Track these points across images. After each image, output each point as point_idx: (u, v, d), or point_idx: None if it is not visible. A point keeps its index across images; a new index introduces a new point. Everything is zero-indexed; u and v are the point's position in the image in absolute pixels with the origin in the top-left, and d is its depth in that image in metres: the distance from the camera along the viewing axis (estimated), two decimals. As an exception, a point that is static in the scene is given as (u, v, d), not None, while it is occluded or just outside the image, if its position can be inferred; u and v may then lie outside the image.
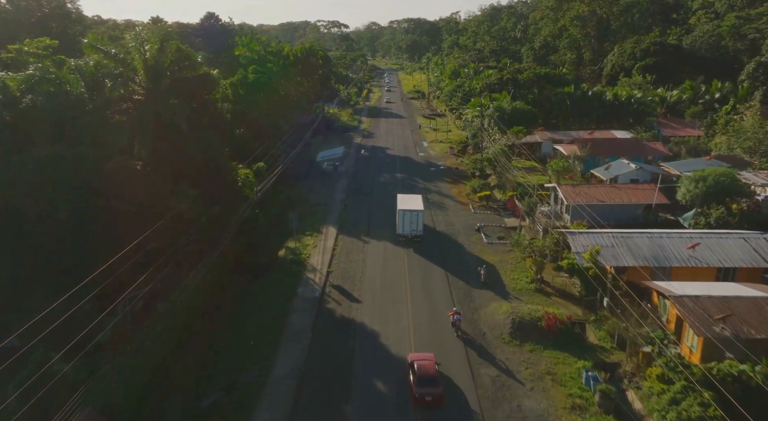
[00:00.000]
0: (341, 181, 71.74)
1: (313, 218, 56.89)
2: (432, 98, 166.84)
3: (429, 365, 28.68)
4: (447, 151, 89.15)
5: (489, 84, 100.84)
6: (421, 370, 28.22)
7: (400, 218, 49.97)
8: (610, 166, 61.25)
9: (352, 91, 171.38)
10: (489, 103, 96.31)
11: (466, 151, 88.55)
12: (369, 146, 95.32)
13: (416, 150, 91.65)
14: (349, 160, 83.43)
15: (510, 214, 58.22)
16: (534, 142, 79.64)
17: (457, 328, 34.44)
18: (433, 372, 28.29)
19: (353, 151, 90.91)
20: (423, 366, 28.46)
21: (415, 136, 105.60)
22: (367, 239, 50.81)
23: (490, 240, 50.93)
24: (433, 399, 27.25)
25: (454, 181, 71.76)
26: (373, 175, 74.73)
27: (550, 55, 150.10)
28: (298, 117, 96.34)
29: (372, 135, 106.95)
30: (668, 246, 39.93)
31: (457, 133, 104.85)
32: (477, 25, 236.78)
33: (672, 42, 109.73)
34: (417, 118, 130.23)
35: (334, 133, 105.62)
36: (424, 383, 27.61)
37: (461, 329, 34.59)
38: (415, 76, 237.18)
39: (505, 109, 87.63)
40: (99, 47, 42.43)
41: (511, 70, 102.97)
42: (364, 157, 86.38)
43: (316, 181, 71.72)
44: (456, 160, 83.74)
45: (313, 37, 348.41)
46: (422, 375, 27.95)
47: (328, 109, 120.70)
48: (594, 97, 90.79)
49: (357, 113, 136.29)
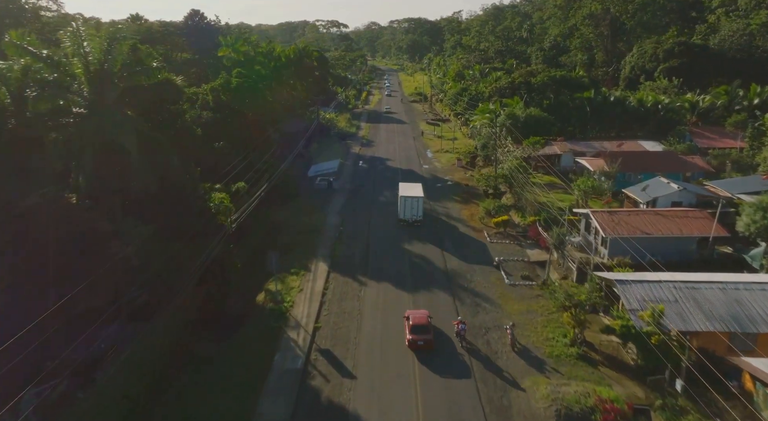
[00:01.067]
0: (336, 201, 63.08)
1: (302, 248, 48.24)
2: (435, 101, 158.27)
3: (422, 317, 33.63)
4: (454, 163, 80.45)
5: (499, 88, 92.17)
6: (414, 320, 33.24)
7: (402, 204, 54.25)
8: (648, 186, 52.59)
9: (350, 93, 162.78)
10: (500, 110, 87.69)
11: (475, 163, 79.92)
12: (368, 157, 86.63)
13: (420, 161, 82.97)
14: (345, 174, 74.74)
15: (533, 244, 49.54)
16: (552, 154, 71.00)
17: (462, 338, 33.39)
18: (425, 322, 33.27)
19: (351, 162, 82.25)
20: (416, 318, 33.50)
21: (418, 144, 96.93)
22: (364, 280, 42.15)
23: (513, 281, 42.23)
24: (424, 343, 32.18)
25: (465, 200, 63.08)
26: (372, 194, 66.05)
27: (561, 56, 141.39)
28: (290, 124, 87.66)
29: (371, 143, 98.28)
30: (749, 302, 31.21)
31: (463, 141, 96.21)
32: (481, 25, 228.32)
33: (697, 42, 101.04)
34: (419, 123, 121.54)
35: (330, 140, 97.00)
36: (417, 331, 32.56)
37: (466, 339, 33.30)
38: (416, 78, 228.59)
39: (518, 116, 79.02)
40: (26, 48, 33.74)
41: (523, 73, 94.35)
42: (363, 171, 77.67)
43: (307, 200, 63.05)
44: (465, 174, 75.02)
45: (312, 37, 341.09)
46: (415, 324, 32.95)
47: (325, 114, 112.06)
48: (616, 103, 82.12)
49: (356, 118, 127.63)
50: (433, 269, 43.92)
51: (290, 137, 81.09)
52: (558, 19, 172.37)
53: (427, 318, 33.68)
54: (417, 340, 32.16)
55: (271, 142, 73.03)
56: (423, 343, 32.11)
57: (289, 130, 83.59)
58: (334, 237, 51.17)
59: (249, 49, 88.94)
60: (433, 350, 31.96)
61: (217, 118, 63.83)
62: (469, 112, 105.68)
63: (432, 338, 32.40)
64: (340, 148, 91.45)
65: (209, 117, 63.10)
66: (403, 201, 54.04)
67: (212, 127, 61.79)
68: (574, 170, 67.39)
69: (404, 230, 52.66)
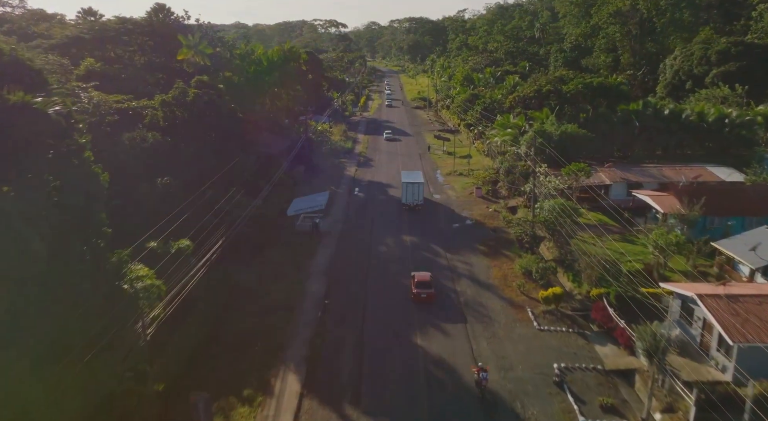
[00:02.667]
0: (322, 252, 47.81)
1: (264, 343, 32.97)
2: (440, 108, 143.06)
3: (425, 275, 39.70)
4: (471, 192, 65.06)
5: (523, 97, 76.85)
6: (418, 278, 39.19)
7: (404, 190, 58.21)
8: (760, 244, 37.32)
9: (347, 99, 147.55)
10: (524, 123, 72.54)
11: (497, 192, 64.67)
12: (365, 182, 71.27)
13: (430, 189, 67.64)
14: (337, 208, 59.38)
15: (603, 334, 34.20)
16: (599, 184, 55.81)
17: (482, 389, 28.29)
18: (427, 279, 39.34)
19: (344, 190, 66.93)
20: (420, 276, 39.48)
21: (425, 164, 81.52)
22: (354, 416, 26.86)
23: (592, 416, 26.94)
24: (426, 296, 38.15)
25: (492, 250, 47.69)
26: (370, 241, 50.65)
27: (583, 58, 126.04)
28: (272, 142, 72.36)
29: (370, 163, 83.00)
30: None
31: (479, 160, 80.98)
32: (488, 24, 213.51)
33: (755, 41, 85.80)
34: (425, 135, 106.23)
35: (320, 158, 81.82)
36: (420, 286, 38.53)
37: (486, 389, 28.23)
38: (418, 80, 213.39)
39: (550, 133, 63.79)
40: None
41: (551, 79, 79.11)
42: (359, 203, 62.21)
43: (284, 251, 47.86)
44: (486, 208, 59.62)
45: (310, 38, 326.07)
46: (419, 281, 38.88)
47: (316, 126, 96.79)
48: (671, 117, 66.82)
49: (352, 128, 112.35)
50: (464, 400, 28.51)
51: (270, 160, 65.82)
52: (574, 17, 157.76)
53: (429, 276, 39.64)
54: (420, 293, 38.11)
55: (243, 169, 57.80)
56: (425, 296, 38.06)
57: (270, 150, 68.32)
58: (314, 321, 35.82)
59: (221, 50, 73.88)
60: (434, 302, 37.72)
61: (167, 143, 48.69)
62: (484, 124, 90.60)
63: (434, 292, 38.44)
64: (333, 173, 76.20)
65: (156, 141, 47.91)
66: (405, 187, 58.43)
67: (157, 155, 46.66)
68: (630, 206, 52.23)
69: (417, 310, 37.40)
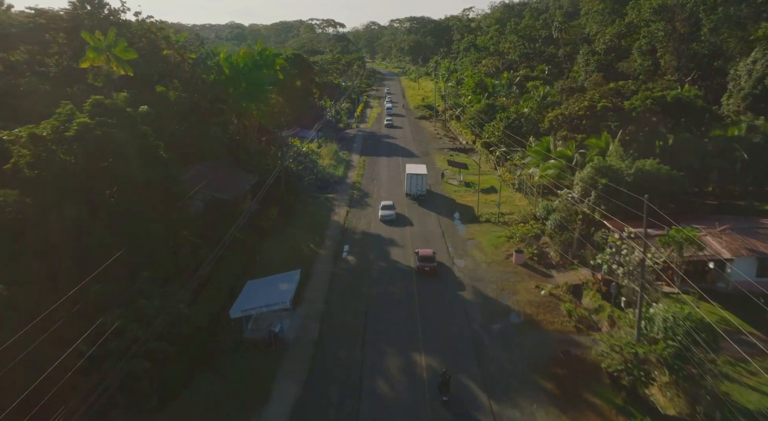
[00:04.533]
0: (279, 398, 28.47)
1: None
2: (448, 118, 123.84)
3: (428, 251, 43.48)
4: (509, 256, 45.54)
5: (569, 116, 57.49)
6: (421, 253, 42.98)
7: (408, 181, 62.54)
8: None
9: (342, 107, 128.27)
10: (575, 153, 53.39)
11: (544, 254, 45.33)
12: (358, 236, 51.75)
13: (447, 246, 48.21)
14: (312, 289, 39.88)
15: None
16: (712, 257, 36.50)
17: None
18: (430, 254, 42.87)
19: (327, 251, 47.65)
20: (424, 251, 43.34)
21: (438, 200, 62.14)
22: None
23: None
24: (429, 269, 41.54)
25: (566, 391, 28.11)
26: (361, 362, 31.23)
27: (619, 61, 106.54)
28: (231, 183, 52.98)
29: (365, 199, 63.64)
30: None
31: (508, 195, 61.67)
32: (499, 23, 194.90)
33: None
34: (434, 155, 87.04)
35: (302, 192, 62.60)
36: (423, 260, 42.14)
37: None
38: (421, 84, 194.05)
39: (619, 171, 44.73)
40: None
41: (606, 91, 59.72)
42: (346, 278, 42.58)
43: (217, 390, 28.61)
44: (536, 287, 40.03)
45: (307, 38, 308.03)
46: (422, 256, 42.55)
47: (301, 147, 77.51)
48: (789, 146, 47.56)
49: (346, 145, 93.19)
50: None
51: (225, 208, 46.53)
52: (599, 14, 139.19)
53: (432, 252, 43.40)
54: (423, 267, 41.82)
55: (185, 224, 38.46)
56: (428, 269, 41.69)
57: (226, 194, 49.02)
58: None
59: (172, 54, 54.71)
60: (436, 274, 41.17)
61: (30, 207, 29.40)
62: (509, 144, 71.38)
63: (435, 265, 42.02)
64: (314, 215, 56.98)
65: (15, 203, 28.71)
66: (409, 178, 62.69)
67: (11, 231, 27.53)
68: None
69: None
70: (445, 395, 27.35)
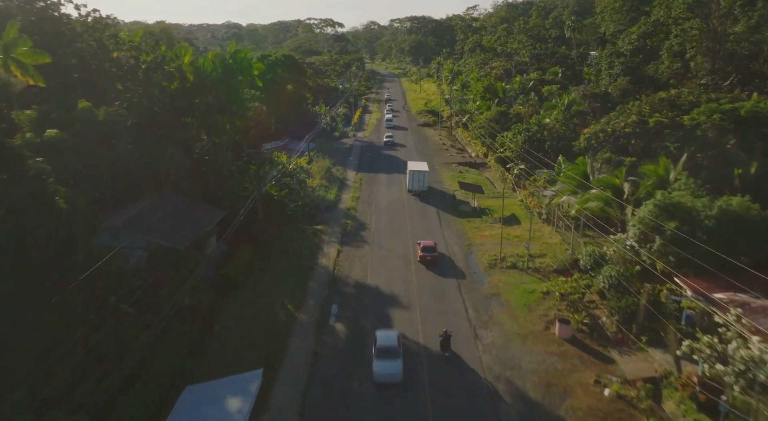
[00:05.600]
0: None
1: None
2: (454, 125, 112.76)
3: (430, 242, 45.40)
4: (551, 324, 34.37)
5: (613, 134, 46.41)
6: (423, 244, 44.78)
7: (410, 177, 64.40)
8: None
9: (339, 113, 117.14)
10: (623, 182, 42.27)
11: (598, 326, 34.14)
12: (350, 288, 40.56)
13: (467, 313, 36.99)
14: (286, 382, 29.05)
15: None
16: None
17: None
18: (432, 245, 44.88)
19: (310, 316, 36.57)
20: (426, 242, 45.07)
21: (450, 240, 50.64)
22: None
23: None
24: (431, 258, 43.51)
25: None
26: None
27: (647, 64, 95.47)
28: (174, 231, 41.85)
29: (361, 232, 52.42)
30: None
31: (536, 229, 50.42)
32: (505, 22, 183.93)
33: None
34: (441, 171, 76.02)
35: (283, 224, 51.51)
36: (426, 250, 44.06)
37: None
38: (423, 87, 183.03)
39: (693, 211, 33.83)
40: None
41: (658, 102, 48.70)
42: (331, 357, 31.30)
43: None
44: (596, 382, 28.77)
45: (305, 38, 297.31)
46: (425, 246, 44.42)
47: (287, 164, 66.35)
48: None
49: (341, 159, 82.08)
50: None
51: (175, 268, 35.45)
52: (616, 12, 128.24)
53: (433, 243, 45.20)
54: (426, 256, 43.46)
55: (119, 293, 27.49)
56: (430, 258, 43.42)
57: (174, 242, 37.89)
58: None
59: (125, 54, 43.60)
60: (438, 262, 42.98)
61: None
62: (533, 165, 60.26)
63: (437, 254, 44.06)
64: (298, 255, 45.84)
65: None
66: (411, 175, 64.36)
67: None
68: None
69: None
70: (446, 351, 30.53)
